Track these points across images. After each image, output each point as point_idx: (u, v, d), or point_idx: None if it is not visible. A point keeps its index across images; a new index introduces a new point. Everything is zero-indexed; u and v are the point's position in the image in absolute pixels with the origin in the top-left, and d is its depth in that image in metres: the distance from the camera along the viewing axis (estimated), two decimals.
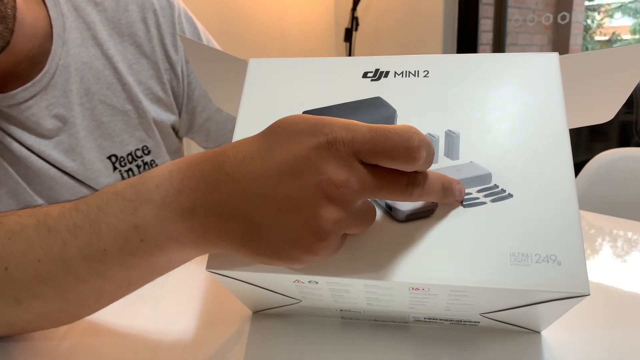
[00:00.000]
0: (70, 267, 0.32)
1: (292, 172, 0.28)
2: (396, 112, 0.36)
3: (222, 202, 0.29)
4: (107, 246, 0.32)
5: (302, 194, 0.28)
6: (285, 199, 0.28)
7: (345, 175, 0.28)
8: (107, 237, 0.32)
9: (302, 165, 0.28)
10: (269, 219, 0.29)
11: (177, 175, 0.31)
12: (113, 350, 0.37)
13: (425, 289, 0.30)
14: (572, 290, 0.28)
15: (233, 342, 0.37)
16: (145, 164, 0.68)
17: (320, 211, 0.28)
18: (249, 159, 0.29)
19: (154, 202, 0.31)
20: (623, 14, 2.12)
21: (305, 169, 0.28)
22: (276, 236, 0.29)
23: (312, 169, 0.28)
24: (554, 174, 0.32)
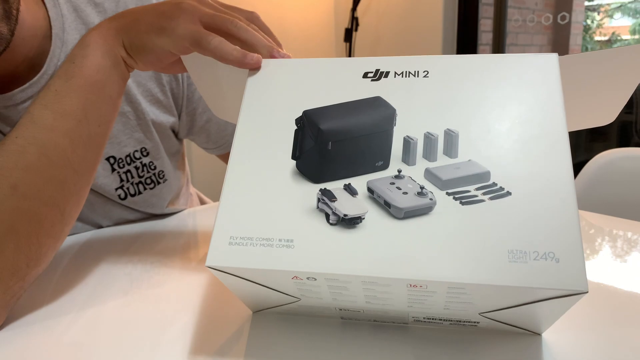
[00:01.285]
0: (38, 121, 0.42)
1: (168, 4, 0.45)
2: (396, 112, 0.36)
3: (118, 15, 0.47)
4: (55, 87, 0.43)
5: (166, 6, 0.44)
6: (158, 6, 0.45)
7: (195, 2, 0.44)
8: (55, 81, 0.43)
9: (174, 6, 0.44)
10: (145, 11, 0.45)
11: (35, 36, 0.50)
12: (113, 349, 0.37)
13: (423, 286, 0.31)
14: (571, 287, 0.28)
15: (233, 342, 0.38)
16: (144, 165, 0.68)
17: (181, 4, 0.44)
18: None
19: (77, 42, 0.46)
20: (623, 14, 2.13)
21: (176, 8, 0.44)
22: (150, 18, 0.44)
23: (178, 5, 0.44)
24: (553, 173, 0.32)
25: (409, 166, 0.34)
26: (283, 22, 2.31)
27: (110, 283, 0.49)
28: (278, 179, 0.35)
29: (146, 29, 0.43)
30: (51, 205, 0.41)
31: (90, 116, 0.43)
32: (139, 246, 0.60)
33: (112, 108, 0.46)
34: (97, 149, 0.45)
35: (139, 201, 0.69)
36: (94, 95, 0.44)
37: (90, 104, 0.43)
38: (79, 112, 0.43)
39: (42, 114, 0.42)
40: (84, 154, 0.43)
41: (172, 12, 0.43)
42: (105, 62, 0.44)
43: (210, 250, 0.33)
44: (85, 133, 0.43)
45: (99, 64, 0.44)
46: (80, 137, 0.43)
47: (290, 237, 0.32)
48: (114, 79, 0.45)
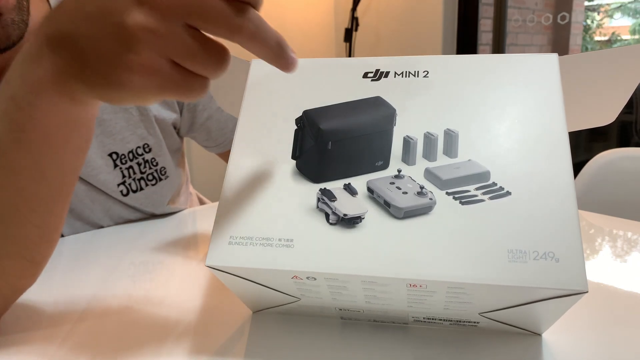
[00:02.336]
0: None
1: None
2: (396, 112, 0.36)
3: (57, 35, 0.29)
4: (1, 135, 0.32)
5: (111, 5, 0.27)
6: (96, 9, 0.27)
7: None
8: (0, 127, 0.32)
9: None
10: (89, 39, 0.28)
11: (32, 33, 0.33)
12: (115, 350, 0.37)
13: (423, 286, 0.31)
14: (570, 287, 0.28)
15: (233, 342, 0.37)
16: (146, 161, 0.69)
17: (126, 16, 0.26)
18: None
19: (17, 65, 0.32)
20: (623, 14, 2.13)
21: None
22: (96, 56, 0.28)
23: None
24: (553, 172, 0.32)
25: (409, 166, 0.34)
26: (283, 22, 2.31)
27: (110, 283, 0.49)
28: (278, 179, 0.35)
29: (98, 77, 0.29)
30: (14, 258, 0.36)
31: (49, 174, 0.34)
32: (139, 246, 0.60)
33: (82, 154, 0.36)
34: (65, 199, 0.36)
35: (141, 198, 0.69)
36: (52, 151, 0.33)
37: (47, 161, 0.33)
38: (34, 171, 0.33)
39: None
40: (46, 210, 0.35)
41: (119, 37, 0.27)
42: (65, 113, 0.32)
43: (210, 250, 0.33)
44: (45, 191, 0.34)
45: (57, 117, 0.32)
46: (39, 195, 0.34)
47: (290, 236, 0.32)
48: (80, 129, 0.34)
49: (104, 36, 0.27)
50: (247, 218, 0.33)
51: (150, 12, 0.26)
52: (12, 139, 0.32)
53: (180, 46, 0.27)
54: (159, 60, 0.27)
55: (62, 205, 0.37)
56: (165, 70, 0.27)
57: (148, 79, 0.27)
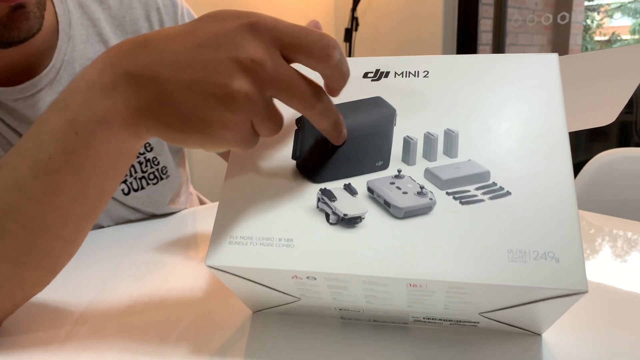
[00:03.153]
0: (24, 190, 0.33)
1: (211, 44, 0.29)
2: (396, 111, 0.36)
3: (139, 72, 0.30)
4: (50, 154, 0.32)
5: (216, 65, 0.29)
6: (200, 68, 0.29)
7: (262, 54, 0.29)
8: (49, 145, 0.32)
9: (222, 38, 0.29)
10: (180, 86, 0.29)
11: (101, 58, 0.32)
12: (116, 350, 0.37)
13: (423, 286, 0.31)
14: (570, 287, 0.28)
15: (233, 342, 0.37)
16: (148, 160, 0.69)
17: (232, 80, 0.29)
18: (172, 35, 0.31)
19: (80, 89, 0.32)
20: (623, 14, 2.13)
21: (224, 42, 0.29)
22: (186, 103, 0.30)
23: (231, 42, 0.29)
24: (553, 172, 0.32)
25: (409, 166, 0.34)
26: None
27: (110, 283, 0.49)
28: (278, 179, 0.35)
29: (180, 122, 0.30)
30: (36, 269, 0.36)
31: (90, 195, 0.35)
32: (139, 246, 0.60)
33: (122, 178, 0.37)
34: (97, 215, 0.37)
35: (142, 197, 0.69)
36: (99, 177, 0.34)
37: (92, 185, 0.34)
38: (76, 192, 0.34)
39: (30, 182, 0.33)
40: (78, 227, 0.36)
41: (221, 96, 0.29)
42: (122, 143, 0.33)
43: (210, 250, 0.33)
44: (80, 211, 0.35)
45: (113, 146, 0.33)
46: (74, 214, 0.35)
47: (290, 236, 0.32)
48: (129, 158, 0.35)
49: (204, 91, 0.29)
50: (247, 218, 0.33)
51: (251, 80, 0.29)
52: (63, 160, 0.32)
53: (262, 113, 0.31)
54: (247, 122, 0.30)
55: (91, 223, 0.37)
56: (246, 130, 0.31)
57: (232, 135, 0.30)
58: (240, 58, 0.29)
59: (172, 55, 0.30)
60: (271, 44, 0.30)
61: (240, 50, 0.29)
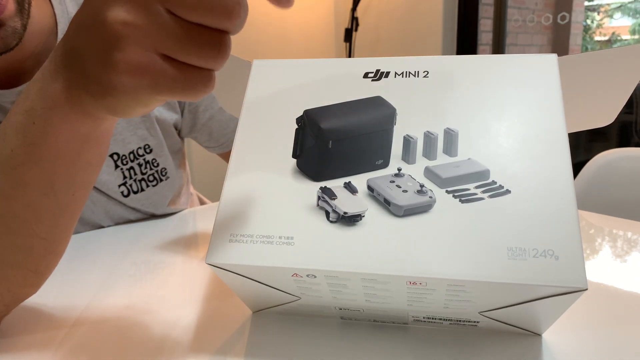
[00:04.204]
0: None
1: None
2: (396, 111, 0.36)
3: (65, 48, 0.30)
4: (12, 146, 0.32)
5: (95, 4, 0.27)
6: (86, 15, 0.27)
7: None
8: (12, 138, 0.32)
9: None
10: (81, 42, 0.28)
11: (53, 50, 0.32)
12: (115, 351, 0.37)
13: (423, 283, 0.31)
14: (570, 284, 0.28)
15: (233, 341, 0.38)
16: (147, 162, 0.69)
17: (106, 13, 0.26)
18: None
19: (37, 79, 0.32)
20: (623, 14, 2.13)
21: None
22: (88, 61, 0.27)
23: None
24: (552, 171, 0.32)
25: (409, 165, 0.34)
26: (283, 22, 2.32)
27: (110, 284, 0.49)
28: (278, 177, 0.35)
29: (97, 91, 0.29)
30: (18, 268, 0.36)
31: (59, 188, 0.34)
32: (139, 246, 0.60)
33: (94, 169, 0.35)
34: (74, 213, 0.36)
35: (142, 199, 0.69)
36: (65, 167, 0.33)
37: (59, 177, 0.33)
38: (44, 185, 0.33)
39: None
40: (54, 223, 0.35)
41: (105, 37, 0.26)
42: (77, 127, 0.32)
43: (211, 247, 0.33)
44: (54, 205, 0.34)
45: (70, 132, 0.32)
46: (47, 209, 0.34)
47: (291, 234, 0.32)
48: (92, 145, 0.34)
49: (92, 40, 0.27)
50: (247, 216, 0.33)
51: (129, 5, 0.25)
52: (24, 152, 0.32)
53: (166, 36, 0.25)
54: (148, 56, 0.26)
55: (70, 219, 0.36)
56: (156, 65, 0.26)
57: (138, 78, 0.26)
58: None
59: (78, 19, 0.28)
60: None
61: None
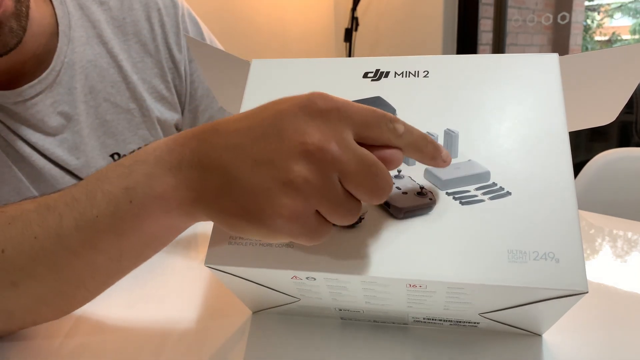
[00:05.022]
0: (63, 239, 0.32)
1: (274, 126, 0.28)
2: (396, 111, 0.36)
3: (204, 155, 0.30)
4: (99, 213, 0.32)
5: (279, 147, 0.27)
6: (262, 152, 0.28)
7: (328, 137, 0.27)
8: (100, 204, 0.32)
9: (286, 120, 0.28)
10: (243, 171, 0.28)
11: (173, 137, 0.32)
12: (116, 351, 0.37)
13: (423, 286, 0.31)
14: (570, 287, 0.28)
15: (233, 342, 0.37)
16: None
17: (292, 164, 0.27)
18: (240, 118, 0.30)
19: (147, 162, 0.31)
20: (623, 14, 2.13)
21: (288, 124, 0.28)
22: (246, 189, 0.28)
23: (295, 125, 0.27)
24: (553, 173, 0.32)
25: (409, 166, 0.34)
26: (283, 22, 2.31)
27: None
28: None
29: (237, 208, 0.29)
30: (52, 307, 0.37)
31: (126, 258, 0.34)
32: None
33: (160, 248, 0.36)
34: (123, 276, 0.37)
35: None
36: (140, 245, 0.34)
37: (131, 250, 0.34)
38: (113, 253, 0.33)
39: (71, 233, 0.32)
40: (105, 281, 0.36)
41: (280, 181, 0.27)
42: (171, 223, 0.33)
43: (209, 250, 0.33)
44: (113, 270, 0.35)
45: (161, 224, 0.32)
46: (106, 271, 0.35)
47: None
48: (173, 234, 0.35)
49: (262, 176, 0.27)
50: None
51: (313, 164, 0.27)
52: (109, 223, 0.32)
53: (329, 200, 0.27)
54: (308, 210, 0.27)
55: (120, 278, 0.37)
56: (309, 220, 0.28)
57: (290, 225, 0.27)
58: (303, 142, 0.27)
59: (236, 138, 0.29)
60: (342, 127, 0.28)
61: (305, 133, 0.27)
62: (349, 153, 0.27)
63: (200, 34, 0.72)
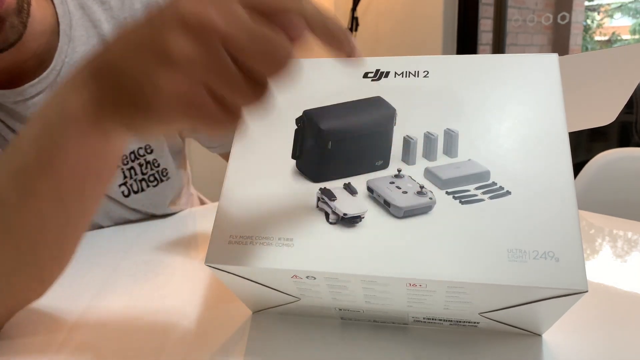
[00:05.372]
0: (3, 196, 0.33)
1: (152, 12, 0.28)
2: (396, 111, 0.36)
3: (97, 67, 0.30)
4: (26, 158, 0.33)
5: (155, 25, 0.27)
6: (140, 36, 0.27)
7: (204, 3, 0.25)
8: (26, 149, 0.33)
9: (162, 3, 0.27)
10: (126, 61, 0.28)
11: (73, 71, 0.32)
12: (116, 350, 0.37)
13: (423, 285, 0.31)
14: (570, 286, 0.28)
15: (233, 342, 0.38)
16: (148, 162, 0.69)
17: (168, 38, 0.25)
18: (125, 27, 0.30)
19: (58, 92, 0.32)
20: (623, 14, 2.13)
21: (164, 5, 0.27)
22: (130, 77, 0.27)
23: (171, 1, 0.26)
24: (553, 172, 0.32)
25: (409, 165, 0.34)
26: None
27: (110, 284, 0.49)
28: (278, 178, 0.35)
29: (130, 101, 0.28)
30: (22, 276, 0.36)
31: (69, 201, 0.34)
32: (139, 246, 0.60)
33: (103, 185, 0.36)
34: (81, 224, 0.37)
35: (142, 199, 0.69)
36: (75, 181, 0.33)
37: (69, 190, 0.33)
38: (53, 195, 0.33)
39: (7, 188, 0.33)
40: (61, 233, 0.35)
41: (159, 57, 0.26)
42: (93, 146, 0.32)
43: (210, 249, 0.33)
44: (61, 215, 0.34)
45: (86, 149, 0.32)
46: (54, 219, 0.34)
47: (290, 236, 0.32)
48: (104, 161, 0.34)
49: (142, 59, 0.27)
50: (247, 217, 0.33)
51: (191, 35, 0.25)
52: (37, 164, 0.32)
53: (219, 73, 0.26)
54: (194, 87, 0.26)
55: (77, 230, 0.37)
56: (199, 98, 0.26)
57: (178, 105, 0.26)
58: (183, 13, 0.25)
59: (122, 39, 0.29)
60: None
61: (180, 5, 0.26)
62: (232, 19, 0.25)
63: None
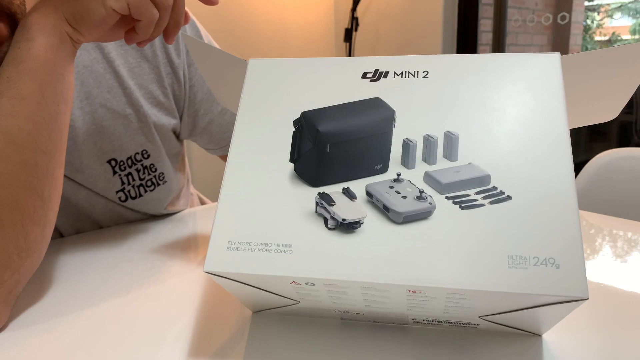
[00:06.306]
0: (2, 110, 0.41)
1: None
2: (395, 113, 0.36)
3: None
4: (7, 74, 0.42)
5: None
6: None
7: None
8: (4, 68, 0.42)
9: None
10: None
11: None
12: (113, 350, 0.37)
13: (422, 292, 0.30)
14: (571, 294, 0.28)
15: (233, 342, 0.37)
16: (145, 167, 0.68)
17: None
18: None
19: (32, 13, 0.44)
20: (623, 14, 2.12)
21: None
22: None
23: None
24: (554, 176, 0.31)
25: (409, 169, 0.34)
26: (283, 22, 2.31)
27: (110, 283, 0.49)
28: (276, 183, 0.34)
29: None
30: (28, 190, 0.41)
31: (47, 96, 0.43)
32: (139, 246, 0.60)
33: (67, 86, 0.45)
34: (61, 127, 0.45)
35: (139, 204, 0.69)
36: (47, 75, 0.43)
37: (45, 85, 0.43)
38: (36, 94, 0.42)
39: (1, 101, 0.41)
40: (50, 135, 0.43)
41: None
42: (51, 40, 0.43)
43: (208, 256, 0.33)
44: (46, 114, 0.43)
45: (46, 44, 0.43)
46: (42, 118, 0.42)
47: (288, 242, 0.32)
48: (62, 56, 0.45)
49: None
50: (245, 223, 0.33)
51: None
52: (17, 71, 0.42)
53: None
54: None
55: (59, 133, 0.44)
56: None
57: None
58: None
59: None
60: None
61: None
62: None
63: (199, 37, 0.72)
